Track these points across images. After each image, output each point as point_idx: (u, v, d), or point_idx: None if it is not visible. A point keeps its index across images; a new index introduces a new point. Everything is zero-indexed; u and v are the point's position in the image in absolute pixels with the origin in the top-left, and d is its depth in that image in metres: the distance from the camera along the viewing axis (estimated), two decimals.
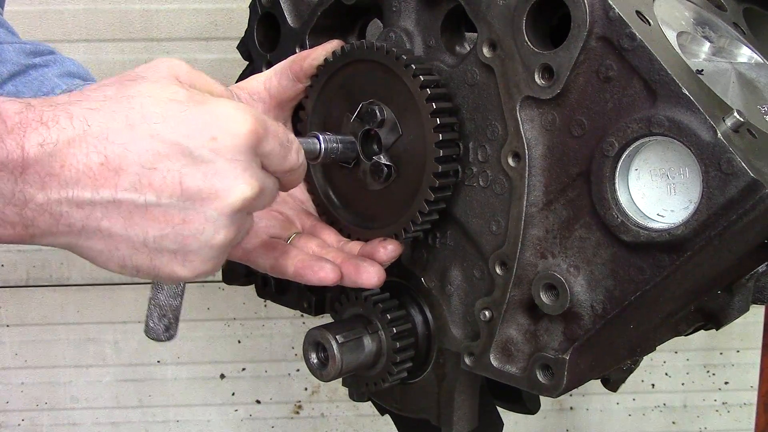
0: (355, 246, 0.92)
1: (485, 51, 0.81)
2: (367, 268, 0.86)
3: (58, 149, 0.61)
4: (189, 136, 0.64)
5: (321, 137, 0.85)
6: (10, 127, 0.60)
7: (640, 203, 0.74)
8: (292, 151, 0.73)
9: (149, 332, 0.80)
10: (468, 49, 0.87)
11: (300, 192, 0.98)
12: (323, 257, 0.89)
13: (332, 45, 0.92)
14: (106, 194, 0.63)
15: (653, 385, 2.36)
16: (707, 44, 0.88)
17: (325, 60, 0.91)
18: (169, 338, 0.80)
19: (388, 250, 0.89)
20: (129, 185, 0.63)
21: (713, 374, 2.35)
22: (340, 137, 0.88)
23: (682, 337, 1.01)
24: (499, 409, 1.10)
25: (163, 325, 0.79)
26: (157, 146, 0.63)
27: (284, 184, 0.76)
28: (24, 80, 1.07)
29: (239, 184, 0.66)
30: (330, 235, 0.94)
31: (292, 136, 0.74)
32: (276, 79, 0.93)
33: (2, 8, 1.18)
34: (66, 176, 0.61)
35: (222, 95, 0.73)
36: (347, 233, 0.93)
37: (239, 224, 0.69)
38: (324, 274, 0.85)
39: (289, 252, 0.88)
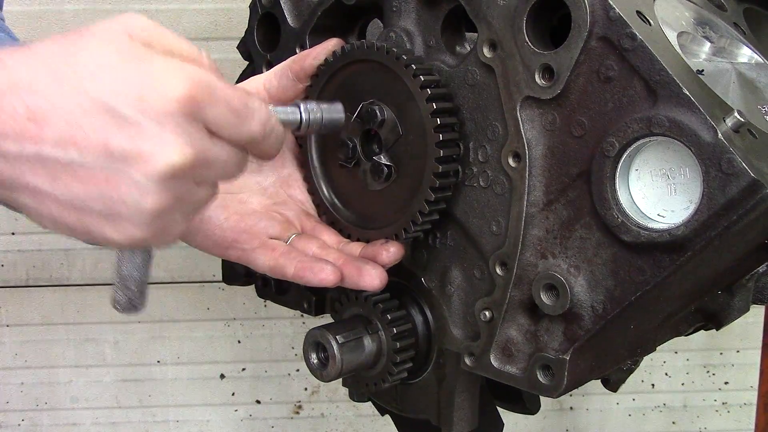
0: (355, 247, 0.92)
1: (485, 51, 0.81)
2: (369, 271, 0.86)
3: None
4: (116, 93, 0.61)
5: (302, 105, 0.80)
6: None
7: (640, 203, 0.74)
8: (253, 119, 0.67)
9: (114, 304, 0.78)
10: (468, 49, 0.87)
11: (300, 192, 0.98)
12: (323, 258, 0.88)
13: (332, 44, 0.92)
14: (31, 148, 0.60)
15: (653, 385, 2.36)
16: (708, 44, 0.88)
17: (326, 60, 0.91)
18: (133, 310, 0.78)
19: (391, 252, 0.89)
20: (53, 141, 0.60)
21: (713, 374, 2.35)
22: (324, 104, 0.83)
23: (682, 337, 1.01)
24: (499, 409, 1.10)
25: (126, 297, 0.77)
26: (83, 102, 0.60)
27: (256, 155, 0.71)
28: None
29: (166, 149, 0.61)
30: (330, 236, 0.94)
31: (257, 103, 0.69)
32: (276, 79, 0.93)
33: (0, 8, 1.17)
34: None
35: (185, 55, 0.67)
36: (347, 233, 0.93)
37: (175, 192, 0.64)
38: (324, 276, 0.85)
39: (289, 253, 0.88)
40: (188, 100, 0.62)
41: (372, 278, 0.86)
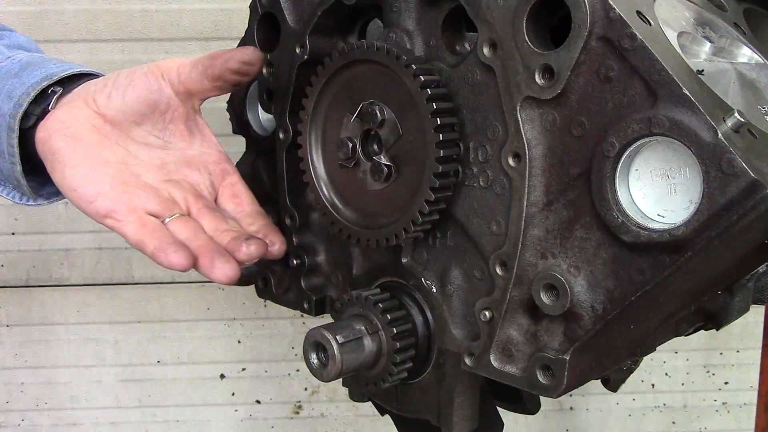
0: (228, 236, 0.91)
1: (485, 51, 0.81)
2: (221, 265, 0.86)
3: None
4: None
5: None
6: None
7: (640, 203, 0.74)
8: None
9: None
10: (468, 49, 0.87)
11: (198, 175, 0.97)
12: (183, 243, 0.88)
13: (247, 53, 0.93)
14: None
15: (653, 385, 2.36)
16: (708, 44, 0.88)
17: (326, 60, 0.91)
18: None
19: (250, 250, 0.89)
20: None
21: (713, 374, 2.36)
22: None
23: (682, 337, 1.01)
24: (499, 409, 1.10)
25: None
26: None
27: None
28: None
29: None
30: (211, 222, 0.93)
31: None
32: (189, 67, 0.94)
33: None
34: None
35: None
36: (347, 234, 0.93)
37: None
38: (174, 260, 0.85)
39: (155, 231, 0.88)
40: None
41: (221, 273, 0.86)
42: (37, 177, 1.01)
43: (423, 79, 0.83)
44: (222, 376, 2.30)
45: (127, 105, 0.93)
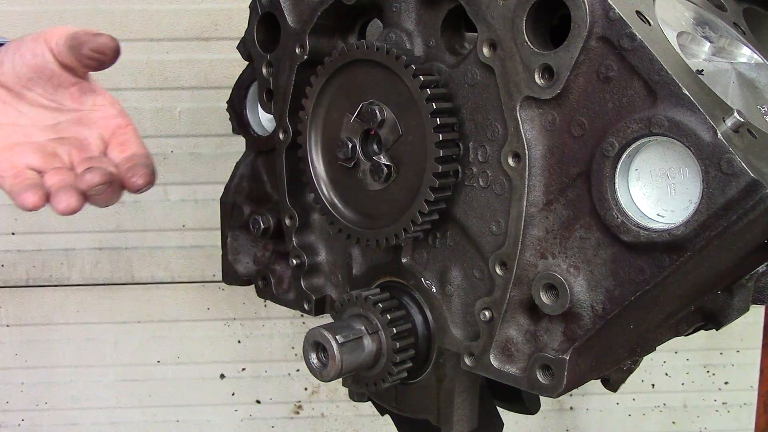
0: (97, 176, 0.92)
1: (485, 51, 0.81)
2: (61, 197, 0.89)
3: None
4: None
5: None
6: None
7: (640, 203, 0.74)
8: None
9: None
10: (468, 49, 0.87)
11: (88, 130, 0.99)
12: (42, 186, 0.91)
13: (99, 38, 0.95)
14: None
15: (653, 385, 2.36)
16: (707, 44, 0.88)
17: (326, 60, 0.91)
18: None
19: (89, 178, 0.90)
20: None
21: (713, 374, 2.35)
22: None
23: (682, 337, 1.01)
24: (499, 409, 1.10)
25: None
26: None
27: None
28: None
29: None
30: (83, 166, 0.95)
31: None
32: (63, 38, 0.95)
33: None
34: None
35: None
36: (347, 233, 0.93)
37: None
38: (26, 199, 0.88)
39: (26, 181, 0.91)
40: None
41: (61, 205, 0.89)
42: None
43: (423, 79, 0.83)
44: (222, 376, 2.30)
45: (16, 70, 0.96)
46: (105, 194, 0.92)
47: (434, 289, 0.91)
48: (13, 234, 2.16)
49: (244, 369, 2.29)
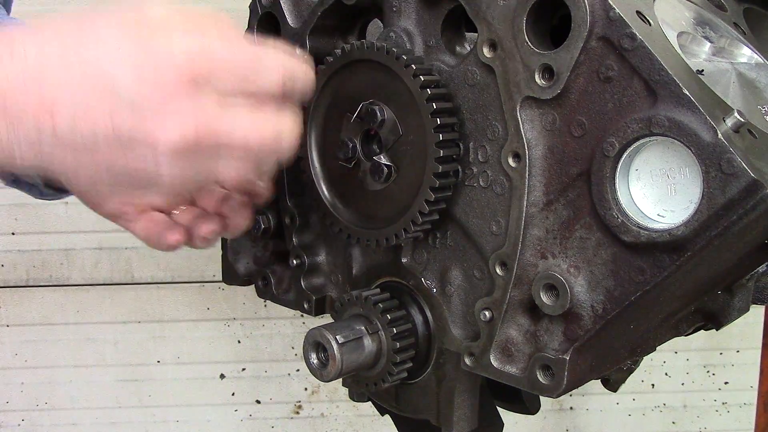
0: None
1: (485, 51, 0.81)
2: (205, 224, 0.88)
3: (1, 87, 0.60)
4: (118, 76, 0.62)
5: None
6: None
7: (640, 203, 0.74)
8: (268, 74, 0.68)
9: None
10: (468, 49, 0.87)
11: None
12: (181, 225, 0.90)
13: None
14: (47, 131, 0.62)
15: (653, 385, 2.36)
16: (708, 44, 0.88)
17: (326, 60, 0.91)
18: None
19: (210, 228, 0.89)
20: (65, 125, 0.62)
21: (713, 374, 2.36)
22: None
23: (682, 337, 1.01)
24: (499, 409, 1.10)
25: None
26: (87, 79, 0.61)
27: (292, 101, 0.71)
28: None
29: (166, 129, 0.63)
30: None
31: (270, 57, 0.68)
32: None
33: (9, 9, 1.18)
34: (12, 113, 0.61)
35: (197, 26, 0.67)
36: (347, 233, 0.93)
37: (190, 163, 0.65)
38: (168, 237, 0.86)
39: (160, 223, 0.89)
40: (186, 75, 0.62)
41: (208, 229, 0.88)
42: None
43: (423, 79, 0.83)
44: (222, 376, 2.30)
45: None
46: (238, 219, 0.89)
47: (434, 289, 0.91)
48: (13, 234, 2.16)
49: (244, 369, 2.29)
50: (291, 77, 0.70)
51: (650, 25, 0.74)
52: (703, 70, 0.79)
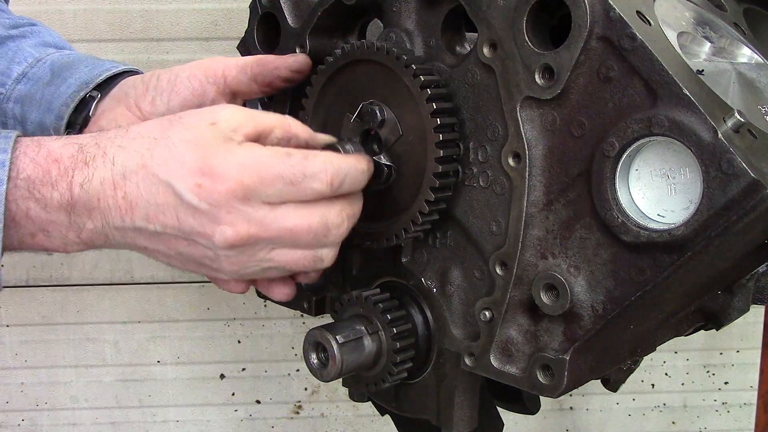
0: None
1: (486, 51, 0.81)
2: (278, 288, 0.91)
3: (94, 187, 0.74)
4: (179, 179, 0.74)
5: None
6: (62, 171, 0.74)
7: (640, 203, 0.74)
8: (314, 181, 0.77)
9: None
10: (468, 49, 0.87)
11: None
12: None
13: (298, 60, 0.94)
14: (128, 223, 0.76)
15: (653, 385, 2.36)
16: (708, 44, 0.88)
17: (326, 60, 0.91)
18: None
19: (310, 276, 0.91)
20: (142, 217, 0.75)
21: (713, 374, 2.35)
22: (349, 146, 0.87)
23: (682, 337, 1.01)
24: (499, 409, 1.10)
25: None
26: (157, 186, 0.74)
27: (352, 192, 0.82)
28: (1, 52, 1.10)
29: (221, 227, 0.75)
30: None
31: (318, 163, 0.78)
32: (236, 70, 0.94)
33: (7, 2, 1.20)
34: (102, 208, 0.75)
35: (266, 132, 0.79)
36: (347, 233, 0.93)
37: (245, 255, 0.78)
38: (233, 286, 0.89)
39: None
40: (238, 188, 0.74)
41: (279, 293, 0.91)
42: None
43: (423, 79, 0.83)
44: (222, 376, 2.30)
45: (172, 110, 0.94)
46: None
47: (434, 289, 0.91)
48: None
49: (244, 369, 2.29)
50: (339, 177, 0.79)
51: (650, 25, 0.74)
52: (703, 70, 0.79)
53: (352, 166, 0.81)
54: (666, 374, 2.35)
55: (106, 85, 1.01)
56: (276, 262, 0.80)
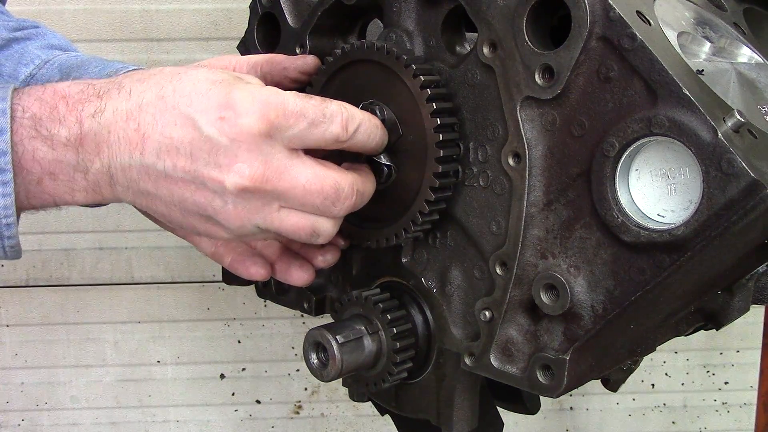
0: (297, 242, 0.93)
1: (485, 51, 0.81)
2: (296, 270, 0.90)
3: (106, 117, 0.71)
4: (202, 111, 0.71)
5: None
6: (71, 106, 0.71)
7: (640, 203, 0.74)
8: (332, 122, 0.76)
9: None
10: (468, 49, 0.87)
11: None
12: (259, 253, 0.92)
13: (308, 61, 0.93)
14: (137, 159, 0.72)
15: (653, 385, 2.36)
16: (708, 44, 0.88)
17: (326, 60, 0.91)
18: None
19: (326, 258, 0.92)
20: (153, 151, 0.72)
21: (713, 374, 2.36)
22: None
23: (682, 337, 1.01)
24: (499, 409, 1.10)
25: None
26: (176, 118, 0.71)
27: (359, 151, 0.81)
28: (6, 54, 1.11)
29: (239, 164, 0.71)
30: None
31: (334, 107, 0.77)
32: (246, 68, 0.94)
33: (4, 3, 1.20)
34: (112, 142, 0.72)
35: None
36: (347, 233, 0.93)
37: (253, 204, 0.74)
38: (254, 271, 0.89)
39: (229, 243, 0.91)
40: (262, 122, 0.72)
41: (298, 277, 0.90)
42: None
43: (423, 79, 0.83)
44: (222, 376, 2.30)
45: None
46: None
47: (434, 289, 0.92)
48: None
49: (244, 369, 2.29)
50: (354, 123, 0.78)
51: (650, 25, 0.74)
52: (703, 70, 0.79)
53: (366, 117, 0.80)
54: (666, 374, 2.35)
55: None
56: (278, 225, 0.77)
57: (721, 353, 2.33)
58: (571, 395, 2.33)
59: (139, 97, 0.72)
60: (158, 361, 2.28)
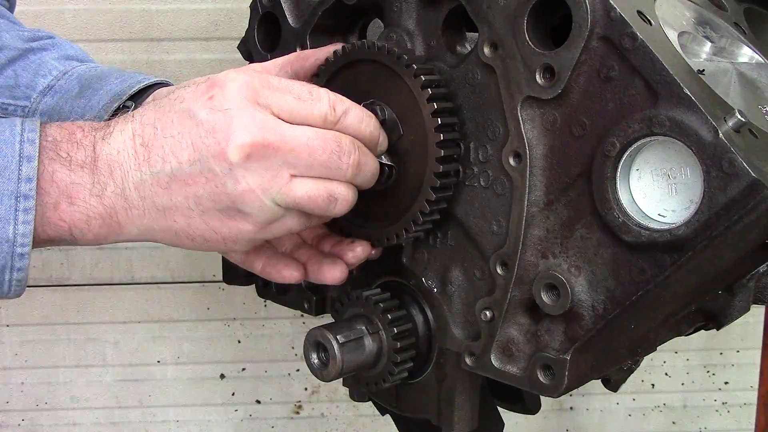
0: (328, 243, 0.93)
1: (486, 51, 0.81)
2: (329, 268, 0.89)
3: (114, 138, 0.75)
4: (193, 100, 0.74)
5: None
6: (86, 132, 0.76)
7: (641, 203, 0.74)
8: (319, 101, 0.77)
9: None
10: (469, 49, 0.87)
11: None
12: (289, 255, 0.91)
13: (336, 49, 0.93)
14: (145, 172, 0.75)
15: (653, 385, 2.36)
16: (708, 44, 0.88)
17: (326, 60, 0.91)
18: None
19: (357, 252, 0.91)
20: (157, 158, 0.74)
21: (713, 374, 2.35)
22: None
23: (682, 337, 1.01)
24: (499, 409, 1.10)
25: None
26: (173, 117, 0.74)
27: (360, 138, 0.81)
28: (22, 64, 1.10)
29: (235, 132, 0.72)
30: (309, 232, 0.95)
31: (321, 90, 0.79)
32: (275, 71, 0.94)
33: (13, 6, 1.20)
34: (122, 161, 0.75)
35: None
36: (348, 233, 0.93)
37: (260, 171, 0.74)
38: (288, 273, 0.89)
39: (260, 249, 0.90)
40: (245, 88, 0.74)
41: (331, 275, 0.89)
42: None
43: (424, 78, 0.83)
44: (222, 376, 2.29)
45: None
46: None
47: (435, 289, 0.92)
48: None
49: (244, 369, 2.29)
50: (342, 106, 0.79)
51: (651, 24, 0.74)
52: (703, 70, 0.79)
53: (354, 104, 0.81)
54: (666, 374, 2.35)
55: (137, 96, 1.02)
56: (294, 196, 0.76)
57: (721, 353, 2.33)
58: (571, 395, 2.33)
59: (141, 117, 0.76)
60: (158, 361, 2.27)
